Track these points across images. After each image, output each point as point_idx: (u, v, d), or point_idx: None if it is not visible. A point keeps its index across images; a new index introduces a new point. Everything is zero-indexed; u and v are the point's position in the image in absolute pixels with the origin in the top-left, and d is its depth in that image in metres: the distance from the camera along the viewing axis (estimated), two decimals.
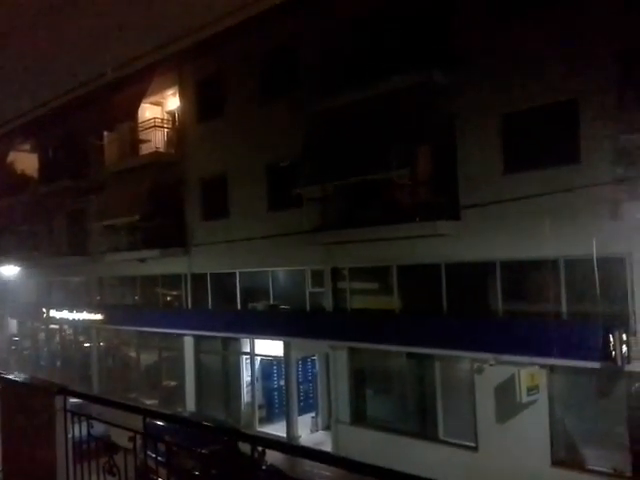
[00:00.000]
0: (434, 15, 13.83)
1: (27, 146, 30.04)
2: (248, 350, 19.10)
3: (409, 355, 14.81)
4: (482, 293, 13.56)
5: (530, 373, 12.15)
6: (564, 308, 12.15)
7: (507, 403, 12.73)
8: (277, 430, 17.81)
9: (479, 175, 13.24)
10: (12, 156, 30.44)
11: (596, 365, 11.42)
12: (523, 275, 13.02)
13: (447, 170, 13.76)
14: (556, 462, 12.26)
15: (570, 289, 12.11)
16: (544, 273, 12.55)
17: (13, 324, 32.70)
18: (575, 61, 11.72)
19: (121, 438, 4.23)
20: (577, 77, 11.69)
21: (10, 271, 28.45)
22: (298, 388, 18.17)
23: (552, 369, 12.29)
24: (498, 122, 12.97)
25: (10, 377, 5.58)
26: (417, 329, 14.32)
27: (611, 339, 11.09)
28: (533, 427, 12.48)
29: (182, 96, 21.19)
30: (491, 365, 12.87)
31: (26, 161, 29.92)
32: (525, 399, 12.14)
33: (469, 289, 13.81)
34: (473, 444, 13.55)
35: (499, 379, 12.93)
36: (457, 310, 13.85)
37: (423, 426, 14.74)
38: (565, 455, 12.32)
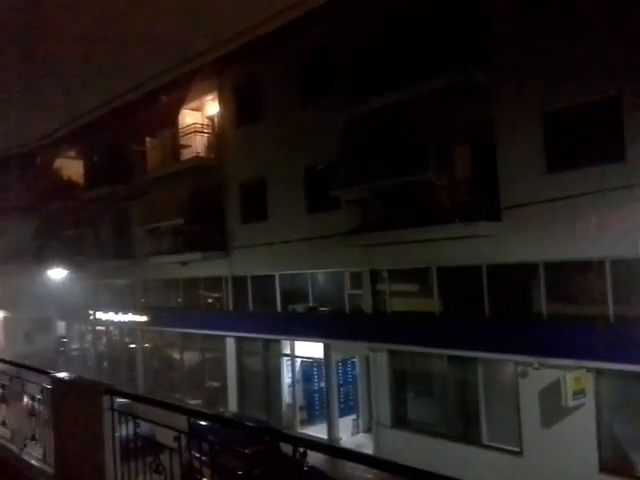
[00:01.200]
0: (472, 13, 13.67)
1: (73, 153, 30.97)
2: (289, 352, 19.21)
3: (450, 358, 14.64)
4: (525, 295, 13.30)
5: (576, 377, 11.86)
6: (611, 310, 11.81)
7: (552, 407, 12.46)
8: (318, 432, 17.85)
9: (521, 175, 13.00)
10: (59, 163, 31.44)
11: None
12: (568, 276, 12.71)
13: (487, 170, 13.57)
14: (604, 468, 11.92)
15: (617, 290, 11.75)
16: (590, 274, 12.23)
17: (61, 326, 33.72)
18: (618, 58, 11.40)
19: (166, 438, 4.32)
20: (620, 74, 11.37)
21: (58, 274, 29.35)
22: (338, 390, 18.17)
23: (599, 372, 11.96)
24: (539, 121, 12.71)
25: (60, 377, 5.77)
26: (458, 332, 14.14)
27: None
28: (579, 432, 12.17)
29: (221, 101, 21.51)
30: (535, 369, 12.60)
31: (72, 168, 30.86)
32: (571, 403, 11.86)
33: (512, 291, 13.56)
34: (517, 449, 13.30)
35: (544, 383, 12.66)
36: (500, 312, 13.62)
37: (466, 430, 14.54)
38: (614, 461, 11.96)
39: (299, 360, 19.21)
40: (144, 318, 25.33)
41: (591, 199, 11.66)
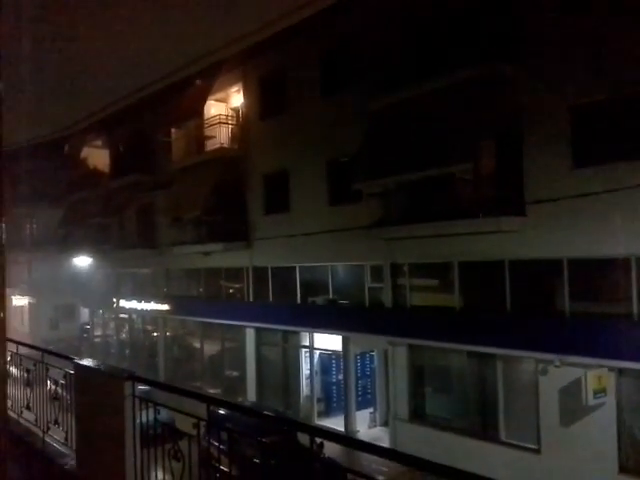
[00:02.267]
0: (500, 4, 13.46)
1: (99, 142, 31.35)
2: (307, 343, 19.29)
3: (470, 354, 14.56)
4: (548, 292, 13.15)
5: (597, 375, 11.71)
6: (635, 309, 11.63)
7: (572, 406, 12.33)
8: (335, 424, 17.90)
9: (546, 170, 12.83)
10: (85, 152, 31.87)
11: None
12: (592, 274, 12.53)
13: (512, 164, 13.41)
14: (624, 469, 11.78)
15: None
16: (614, 272, 12.05)
17: (85, 313, 34.27)
18: None
19: (185, 424, 4.37)
20: None
21: (83, 262, 29.80)
22: (356, 383, 18.21)
23: (621, 372, 11.80)
24: (567, 115, 12.50)
25: (83, 363, 5.88)
26: (479, 327, 14.05)
27: None
28: (599, 431, 12.03)
29: (246, 93, 21.56)
30: (556, 366, 12.48)
31: (98, 157, 31.25)
32: (591, 402, 11.72)
33: (534, 287, 13.42)
34: (536, 446, 13.20)
35: (564, 381, 12.53)
36: (521, 309, 13.49)
37: (484, 426, 14.47)
38: (634, 462, 11.80)
39: (318, 352, 19.27)
40: (166, 307, 25.61)
41: (618, 196, 11.46)
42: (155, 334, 27.47)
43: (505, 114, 13.51)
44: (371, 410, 18.21)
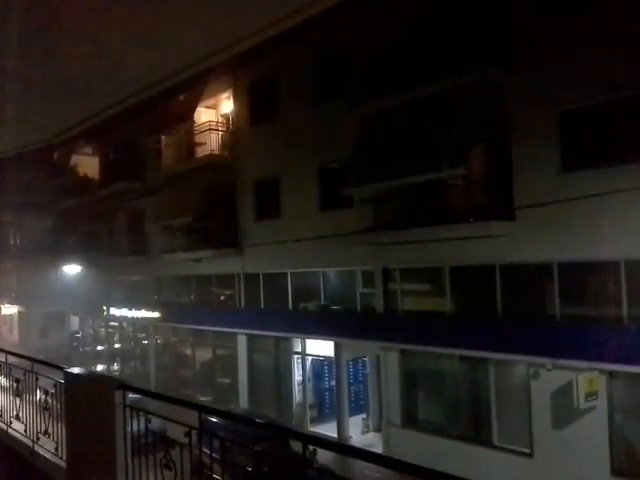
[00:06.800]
0: (489, 11, 13.57)
1: (89, 150, 31.22)
2: (299, 350, 19.25)
3: (462, 358, 14.59)
4: (539, 295, 13.19)
5: (589, 379, 11.76)
6: (625, 312, 11.70)
7: (564, 409, 12.37)
8: (328, 430, 17.86)
9: (535, 174, 12.91)
10: (75, 160, 31.72)
11: None
12: (582, 277, 12.60)
13: (501, 169, 13.50)
14: (616, 472, 11.81)
15: (632, 292, 11.63)
16: (604, 275, 12.12)
17: (75, 321, 34.01)
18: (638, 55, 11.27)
19: (177, 433, 4.34)
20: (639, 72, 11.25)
21: (72, 270, 29.60)
22: (349, 389, 18.17)
23: (612, 375, 11.85)
24: (555, 120, 12.60)
25: (73, 371, 5.83)
26: (470, 332, 14.07)
27: None
28: (591, 434, 12.07)
29: (236, 99, 21.57)
30: (548, 370, 12.52)
31: (88, 165, 31.12)
32: (583, 405, 11.77)
33: (525, 291, 13.46)
34: (528, 450, 13.22)
35: (556, 384, 12.57)
36: (512, 313, 13.54)
37: (476, 431, 14.48)
38: (625, 465, 11.85)
39: (310, 358, 19.22)
40: (157, 314, 25.48)
41: (607, 199, 11.55)
42: (146, 342, 27.32)
43: (495, 119, 13.60)
44: (364, 416, 18.17)
